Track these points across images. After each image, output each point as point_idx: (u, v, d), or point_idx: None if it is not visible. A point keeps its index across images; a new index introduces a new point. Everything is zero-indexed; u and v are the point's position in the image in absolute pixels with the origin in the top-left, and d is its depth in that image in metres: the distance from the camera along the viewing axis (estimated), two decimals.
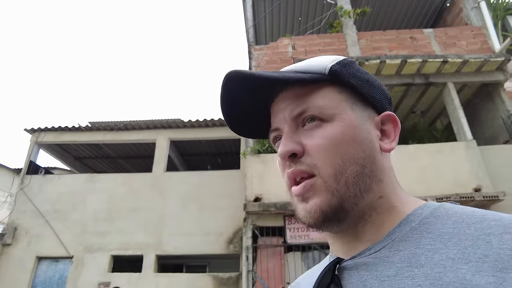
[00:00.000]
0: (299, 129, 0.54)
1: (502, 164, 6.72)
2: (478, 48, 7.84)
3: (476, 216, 0.44)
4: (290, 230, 6.28)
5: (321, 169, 0.49)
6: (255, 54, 8.23)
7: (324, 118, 0.52)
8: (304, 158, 0.51)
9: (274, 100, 0.57)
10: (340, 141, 0.50)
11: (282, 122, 0.55)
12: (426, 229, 0.46)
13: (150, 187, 7.91)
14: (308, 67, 0.55)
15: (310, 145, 0.51)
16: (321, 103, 0.53)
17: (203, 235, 7.32)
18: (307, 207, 0.50)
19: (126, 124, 8.49)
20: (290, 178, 0.52)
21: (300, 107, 0.53)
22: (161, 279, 6.94)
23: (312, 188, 0.49)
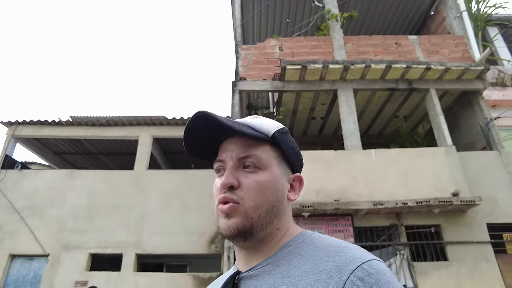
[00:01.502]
0: (240, 169, 0.72)
1: (479, 169, 6.92)
2: (460, 57, 8.05)
3: (325, 243, 0.67)
4: None
5: (245, 201, 0.69)
6: (242, 53, 8.21)
7: (260, 167, 0.72)
8: (238, 191, 0.70)
9: (226, 139, 0.75)
10: (264, 186, 0.71)
11: (228, 158, 0.73)
12: (297, 252, 0.68)
13: (131, 184, 7.77)
14: (259, 126, 0.75)
15: (245, 184, 0.70)
16: (260, 155, 0.73)
17: (185, 234, 7.24)
18: (228, 222, 0.69)
19: (108, 119, 8.32)
20: (221, 201, 0.70)
21: (245, 153, 0.72)
22: (141, 279, 6.82)
23: (235, 211, 0.68)
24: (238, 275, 0.72)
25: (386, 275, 0.59)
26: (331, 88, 7.74)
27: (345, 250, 0.64)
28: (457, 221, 6.50)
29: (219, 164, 0.75)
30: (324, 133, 9.99)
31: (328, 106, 8.75)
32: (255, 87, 7.81)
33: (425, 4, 9.69)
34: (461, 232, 6.35)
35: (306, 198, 6.31)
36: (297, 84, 7.73)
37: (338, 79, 7.73)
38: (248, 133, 0.71)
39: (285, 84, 7.74)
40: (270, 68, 8.00)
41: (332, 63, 7.43)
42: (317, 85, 7.74)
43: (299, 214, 6.37)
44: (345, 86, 7.72)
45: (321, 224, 6.35)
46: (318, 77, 7.67)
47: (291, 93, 8.06)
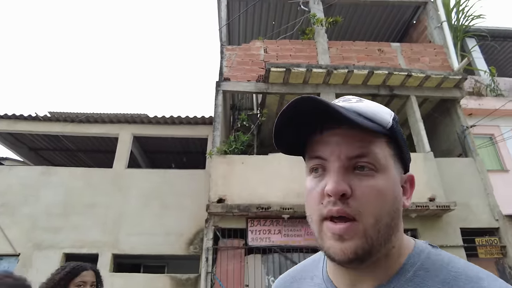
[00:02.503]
0: (350, 170, 0.58)
1: (454, 176, 7.11)
2: (439, 65, 8.27)
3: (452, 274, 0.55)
4: (252, 233, 6.27)
5: (364, 217, 0.55)
6: (227, 53, 8.18)
7: (377, 168, 0.57)
8: (351, 201, 0.55)
9: (329, 130, 0.59)
10: (385, 195, 0.57)
11: (334, 156, 0.58)
12: (418, 283, 0.56)
13: (110, 183, 7.60)
14: (373, 115, 0.59)
15: (360, 192, 0.56)
16: (379, 154, 0.58)
17: (163, 235, 7.13)
18: (342, 246, 0.55)
19: (88, 116, 8.12)
20: (331, 213, 0.56)
21: (359, 150, 0.57)
22: (117, 279, 6.66)
23: (352, 231, 0.55)
24: None
25: None
26: (314, 91, 7.79)
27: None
28: (433, 225, 6.65)
29: (318, 162, 0.60)
30: None
31: None
32: (239, 88, 7.80)
33: (407, 13, 9.91)
34: (436, 237, 6.50)
35: (286, 200, 6.33)
36: (280, 87, 7.76)
37: (321, 83, 7.80)
38: (365, 125, 0.56)
39: (269, 86, 7.75)
40: (255, 70, 8.00)
41: (315, 67, 7.50)
42: (300, 88, 7.79)
43: (279, 216, 6.39)
44: (328, 90, 7.79)
45: (300, 227, 6.37)
46: (301, 81, 7.72)
47: (275, 96, 8.08)
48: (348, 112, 0.56)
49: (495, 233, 6.86)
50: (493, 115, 8.29)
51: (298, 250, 6.18)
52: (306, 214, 0.64)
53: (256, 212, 6.19)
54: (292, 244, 6.20)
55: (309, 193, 0.62)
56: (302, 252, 6.15)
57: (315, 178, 0.61)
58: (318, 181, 0.60)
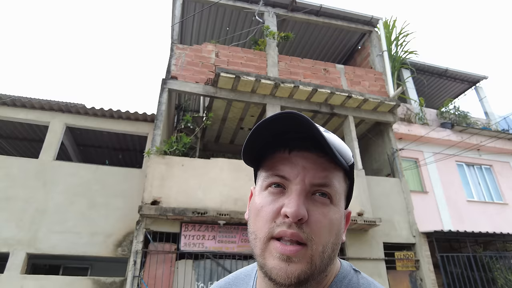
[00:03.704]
0: (309, 195, 0.59)
1: (381, 193, 7.67)
2: (377, 91, 8.92)
3: None
4: (185, 237, 6.12)
5: (314, 243, 0.56)
6: (177, 52, 8.01)
7: (332, 200, 0.59)
8: (305, 227, 0.56)
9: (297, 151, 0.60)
10: (334, 226, 0.59)
11: (299, 179, 0.58)
12: None
13: (33, 174, 6.92)
14: (341, 149, 0.61)
15: (315, 219, 0.57)
16: (337, 187, 0.60)
17: (89, 234, 6.65)
18: (289, 269, 0.55)
19: (14, 99, 7.34)
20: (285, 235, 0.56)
21: (324, 179, 0.58)
22: (29, 282, 6.03)
23: (301, 256, 0.55)
24: None
25: None
26: (261, 101, 7.93)
27: None
28: (359, 238, 7.07)
29: (279, 180, 0.60)
30: None
31: (256, 118, 8.95)
32: (186, 89, 7.65)
33: (354, 38, 10.59)
34: (362, 249, 6.92)
35: (223, 206, 6.31)
36: (229, 93, 7.78)
37: (268, 94, 7.98)
38: (338, 159, 0.57)
39: (217, 90, 7.73)
40: (204, 72, 7.93)
41: (264, 78, 7.65)
42: (248, 96, 7.88)
43: (214, 221, 6.33)
44: (274, 102, 7.98)
45: (235, 233, 6.37)
46: (250, 89, 7.82)
47: (223, 101, 8.07)
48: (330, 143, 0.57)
49: (411, 248, 7.50)
50: (419, 141, 9.15)
51: (231, 257, 6.16)
52: (249, 228, 0.63)
53: (191, 217, 6.06)
54: (226, 250, 6.17)
55: (261, 208, 0.60)
56: (235, 259, 6.15)
57: (271, 195, 0.60)
58: (274, 199, 0.59)
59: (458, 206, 8.87)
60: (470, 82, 12.24)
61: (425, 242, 7.56)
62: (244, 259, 6.22)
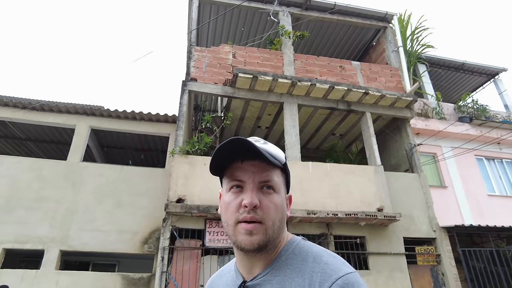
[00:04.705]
0: (258, 189, 0.83)
1: (401, 189, 7.71)
2: (394, 86, 8.94)
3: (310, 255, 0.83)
4: (209, 234, 6.32)
5: (266, 220, 0.81)
6: (195, 54, 8.21)
7: (275, 189, 0.85)
8: (259, 211, 0.81)
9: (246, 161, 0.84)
10: (278, 207, 0.84)
11: (250, 180, 0.83)
12: (289, 263, 0.83)
13: (62, 176, 7.24)
14: (276, 155, 0.86)
15: (264, 205, 0.82)
16: (276, 180, 0.86)
17: (117, 232, 6.92)
18: (251, 239, 0.80)
19: (43, 104, 7.68)
20: (246, 219, 0.81)
21: (266, 177, 0.84)
22: (63, 278, 6.34)
23: (258, 229, 0.80)
24: (244, 284, 0.87)
25: (355, 287, 0.73)
26: (278, 100, 8.07)
27: (326, 264, 0.79)
28: (379, 234, 7.15)
29: (238, 183, 0.84)
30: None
31: (273, 117, 9.10)
32: (205, 90, 7.85)
33: (369, 35, 10.61)
34: (382, 244, 7.00)
35: None
36: (246, 92, 7.94)
37: (285, 93, 8.10)
38: (272, 162, 0.83)
39: (235, 90, 7.89)
40: (222, 73, 8.11)
41: (281, 77, 7.78)
42: (265, 96, 8.02)
43: None
44: (291, 100, 8.11)
45: None
46: (267, 89, 7.96)
47: (240, 100, 8.24)
48: (265, 152, 0.82)
49: (432, 243, 7.53)
50: (437, 136, 9.13)
51: None
52: (222, 218, 0.87)
53: (215, 214, 6.25)
54: None
55: (228, 204, 0.85)
56: None
57: (234, 194, 0.84)
58: (236, 197, 0.84)
59: (479, 200, 8.83)
60: (489, 75, 12.08)
61: (445, 236, 7.58)
62: None
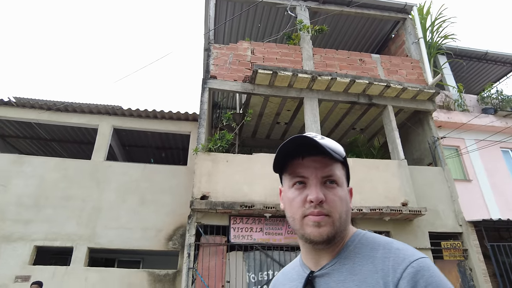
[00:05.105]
0: (322, 184, 0.85)
1: (425, 183, 7.58)
2: (415, 79, 8.77)
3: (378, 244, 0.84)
4: (234, 230, 6.35)
5: (332, 213, 0.84)
6: (214, 52, 8.22)
7: (338, 183, 0.87)
8: (325, 205, 0.83)
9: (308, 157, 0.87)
10: (342, 200, 0.86)
11: (313, 176, 0.86)
12: (357, 252, 0.85)
13: (87, 175, 7.38)
14: (336, 149, 0.88)
15: (330, 199, 0.84)
16: (338, 174, 0.88)
17: (142, 230, 7.03)
18: (320, 230, 0.83)
19: (66, 105, 7.83)
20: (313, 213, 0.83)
21: (329, 172, 0.86)
22: (92, 274, 6.49)
23: (326, 221, 0.83)
24: (312, 274, 0.89)
25: (430, 270, 0.74)
26: (298, 96, 8.02)
27: (398, 250, 0.80)
28: (404, 228, 7.05)
29: (300, 179, 0.87)
30: (287, 138, 10.17)
31: (292, 112, 9.05)
32: (225, 87, 7.86)
33: (387, 27, 10.42)
34: (407, 239, 6.90)
35: (268, 199, 6.48)
36: (266, 89, 7.91)
37: (305, 88, 8.04)
38: (334, 157, 0.85)
39: (255, 87, 7.88)
40: (241, 70, 8.10)
41: (301, 72, 7.72)
42: (285, 91, 7.98)
43: (261, 214, 6.52)
44: (311, 95, 8.04)
45: (281, 225, 6.54)
46: (286, 84, 7.91)
47: (260, 97, 8.22)
48: (327, 147, 0.84)
49: (458, 238, 7.39)
50: (460, 129, 8.93)
51: (278, 248, 6.34)
52: (287, 213, 0.90)
53: (239, 210, 6.28)
54: (273, 242, 6.35)
55: (292, 200, 0.87)
56: (282, 250, 6.32)
57: (297, 190, 0.87)
58: (300, 193, 0.86)
59: (506, 193, 8.61)
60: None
61: (472, 231, 7.43)
62: (292, 250, 6.38)
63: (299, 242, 0.94)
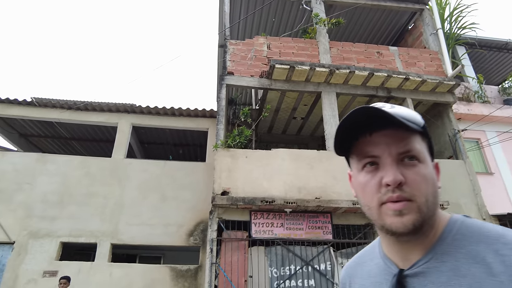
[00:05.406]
0: (400, 163, 0.70)
1: (447, 176, 7.47)
2: (434, 71, 8.62)
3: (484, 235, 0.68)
4: (255, 225, 6.38)
5: (417, 197, 0.68)
6: (231, 48, 8.22)
7: (419, 159, 0.70)
8: (405, 187, 0.68)
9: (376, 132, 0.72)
10: (428, 179, 0.70)
11: (386, 153, 0.70)
12: (458, 246, 0.68)
13: (108, 172, 7.50)
14: (411, 117, 0.71)
15: (411, 180, 0.68)
16: (418, 148, 0.71)
17: (163, 226, 7.13)
18: (403, 220, 0.68)
19: (86, 104, 7.95)
20: (391, 199, 0.68)
21: (406, 147, 0.70)
22: (115, 269, 6.62)
23: (409, 208, 0.67)
24: (402, 273, 0.73)
25: None
26: (315, 90, 7.97)
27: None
28: None
29: (371, 160, 0.72)
30: (303, 133, 10.24)
31: (309, 107, 9.00)
32: (242, 83, 7.86)
33: (403, 19, 10.24)
34: None
35: (288, 195, 6.48)
36: (283, 83, 7.88)
37: (322, 82, 7.98)
38: (410, 127, 0.68)
39: (272, 82, 7.86)
40: (258, 65, 8.08)
41: (319, 66, 7.66)
42: (302, 86, 7.94)
43: (281, 209, 6.53)
44: (329, 89, 7.98)
45: (302, 220, 6.54)
46: (304, 79, 7.87)
47: (276, 92, 8.19)
48: (399, 117, 0.68)
49: None
50: (481, 121, 8.75)
51: (300, 243, 6.35)
52: (360, 201, 0.76)
53: (260, 205, 6.30)
54: (294, 237, 6.36)
55: (364, 186, 0.73)
56: (304, 245, 6.33)
57: (369, 173, 0.72)
58: (372, 176, 0.72)
59: None
60: None
61: None
62: (313, 245, 6.39)
63: (378, 232, 0.79)
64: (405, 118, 0.69)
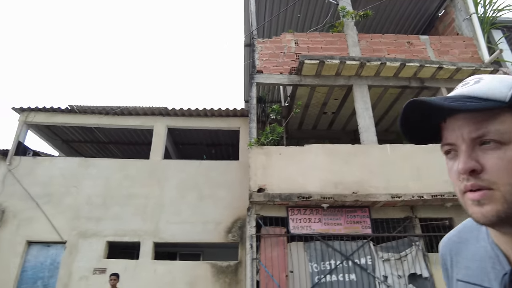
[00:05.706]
0: (477, 147, 0.62)
1: None
2: (469, 58, 8.34)
3: None
4: (293, 221, 6.46)
5: (498, 185, 0.59)
6: (259, 47, 8.30)
7: (502, 142, 0.60)
8: (483, 175, 0.60)
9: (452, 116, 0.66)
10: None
11: (459, 140, 0.64)
12: None
13: (147, 174, 7.81)
14: (489, 93, 0.61)
15: (490, 165, 0.60)
16: (501, 128, 0.60)
17: (202, 223, 7.34)
18: (482, 210, 0.61)
19: (123, 109, 8.29)
20: (468, 188, 0.63)
21: (479, 131, 0.61)
22: (159, 267, 6.90)
23: (489, 198, 0.60)
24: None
25: None
26: (346, 83, 7.92)
27: None
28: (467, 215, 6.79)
29: (449, 147, 0.68)
30: (334, 127, 10.20)
31: (340, 101, 8.95)
32: (272, 81, 7.93)
33: (433, 6, 9.96)
34: None
35: (325, 190, 6.51)
36: (313, 79, 7.89)
37: (353, 75, 7.92)
38: (472, 108, 0.60)
39: (302, 78, 7.88)
40: (286, 62, 8.12)
41: (349, 59, 7.60)
42: (332, 80, 7.91)
43: (318, 205, 6.57)
44: (360, 82, 7.91)
45: (340, 216, 6.56)
46: (334, 73, 7.84)
47: (306, 88, 8.21)
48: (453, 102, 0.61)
49: None
50: None
51: (339, 238, 6.37)
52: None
53: (296, 201, 6.37)
54: (333, 232, 6.39)
55: (449, 172, 0.69)
56: (343, 240, 6.35)
57: (450, 160, 0.68)
58: (453, 163, 0.67)
59: None
60: None
61: None
62: (352, 240, 6.39)
63: None
64: (477, 96, 0.61)
